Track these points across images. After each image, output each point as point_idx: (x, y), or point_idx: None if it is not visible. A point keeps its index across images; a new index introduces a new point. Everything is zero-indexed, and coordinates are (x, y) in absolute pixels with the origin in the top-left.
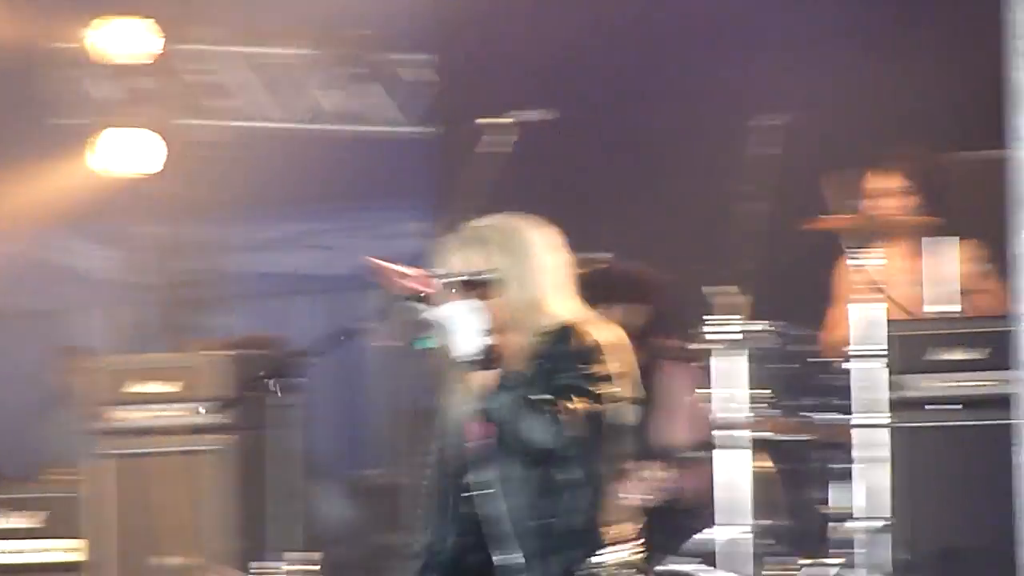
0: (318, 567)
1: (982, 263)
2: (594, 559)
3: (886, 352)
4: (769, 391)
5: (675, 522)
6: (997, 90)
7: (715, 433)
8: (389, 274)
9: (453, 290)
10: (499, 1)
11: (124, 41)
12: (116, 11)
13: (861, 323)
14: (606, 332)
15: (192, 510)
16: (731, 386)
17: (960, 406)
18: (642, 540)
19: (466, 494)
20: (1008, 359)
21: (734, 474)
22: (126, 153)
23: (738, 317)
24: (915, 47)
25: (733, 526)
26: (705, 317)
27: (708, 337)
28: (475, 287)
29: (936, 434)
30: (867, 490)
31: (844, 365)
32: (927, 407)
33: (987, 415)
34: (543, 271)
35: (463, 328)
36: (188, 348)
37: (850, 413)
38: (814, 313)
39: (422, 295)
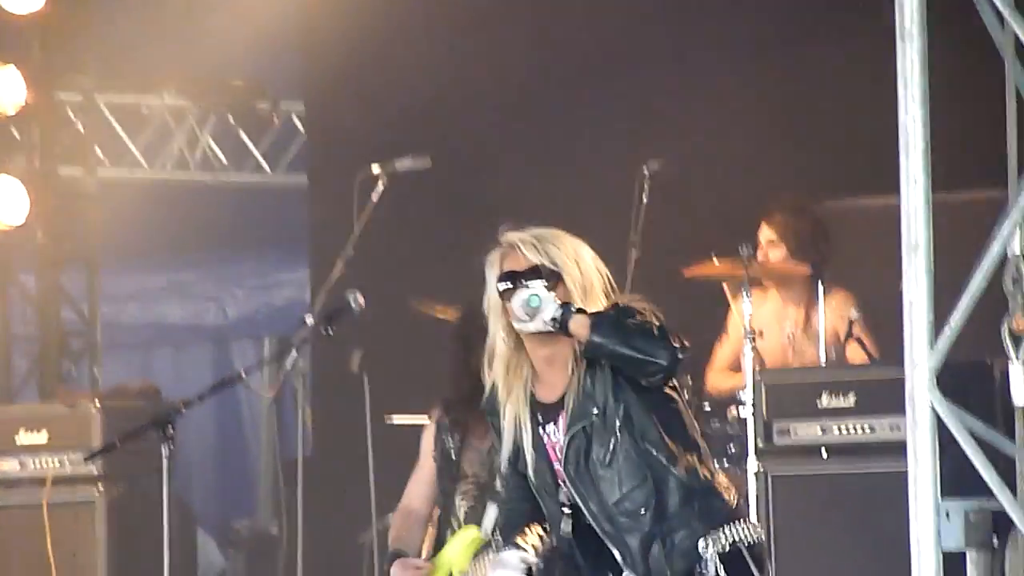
0: None
1: (854, 310)
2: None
3: (753, 400)
4: None
5: None
6: (887, 135)
7: None
8: None
9: (520, 284)
10: (369, 51)
11: None
12: None
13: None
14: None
15: (61, 562)
16: None
17: (827, 455)
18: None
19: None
20: (875, 406)
21: None
22: None
23: None
24: (806, 91)
25: None
26: None
27: None
28: (538, 276)
29: (805, 481)
30: None
31: (739, 413)
32: (798, 455)
33: (855, 463)
34: (589, 271)
35: (544, 300)
36: (59, 398)
37: (744, 461)
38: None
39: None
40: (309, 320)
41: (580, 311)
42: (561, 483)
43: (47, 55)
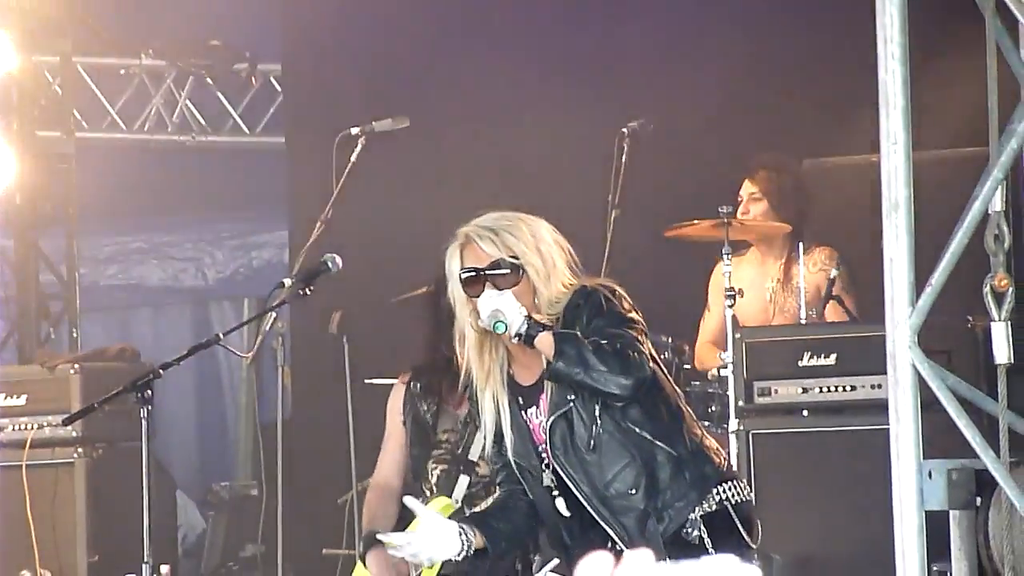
0: None
1: (835, 268)
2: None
3: (732, 360)
4: None
5: None
6: (867, 94)
7: None
8: None
9: (480, 285)
10: (346, 11)
11: None
12: None
13: (722, 327)
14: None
15: (41, 525)
16: None
17: (807, 413)
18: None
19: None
20: (856, 365)
21: None
22: None
23: None
24: (786, 50)
25: None
26: None
27: None
28: (498, 274)
29: (786, 440)
30: None
31: (719, 372)
32: (778, 414)
33: (836, 421)
34: (551, 254)
35: (508, 311)
36: (38, 361)
37: (725, 420)
38: (677, 320)
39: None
40: (288, 282)
41: (546, 328)
42: (546, 466)
43: (24, 18)
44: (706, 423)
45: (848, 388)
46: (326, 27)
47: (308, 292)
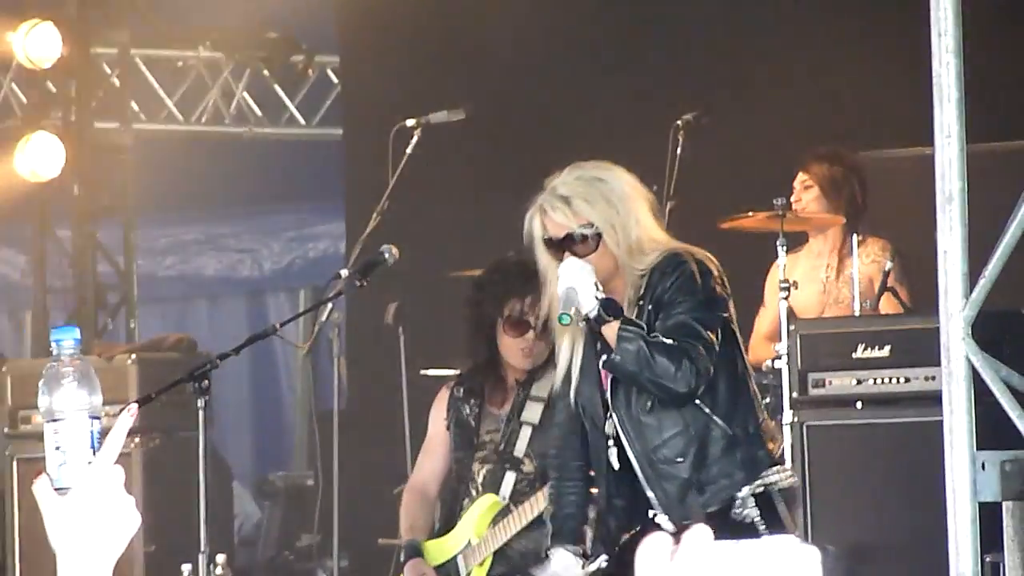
0: (227, 569)
1: (889, 260)
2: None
3: (787, 351)
4: None
5: None
6: (920, 87)
7: None
8: None
9: (558, 257)
10: (403, 1)
11: (27, 45)
12: (21, 14)
13: (777, 322)
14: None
15: None
16: None
17: (861, 404)
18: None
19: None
20: (910, 357)
21: None
22: (33, 157)
23: None
24: (840, 43)
25: None
26: None
27: None
28: (575, 244)
29: (840, 432)
30: None
31: (773, 364)
32: (832, 405)
33: (890, 413)
34: (631, 212)
35: (581, 288)
36: (96, 352)
37: (779, 412)
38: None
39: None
40: (344, 273)
41: (616, 316)
42: (608, 415)
43: (83, 10)
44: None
45: (902, 380)
46: (383, 18)
47: (364, 283)
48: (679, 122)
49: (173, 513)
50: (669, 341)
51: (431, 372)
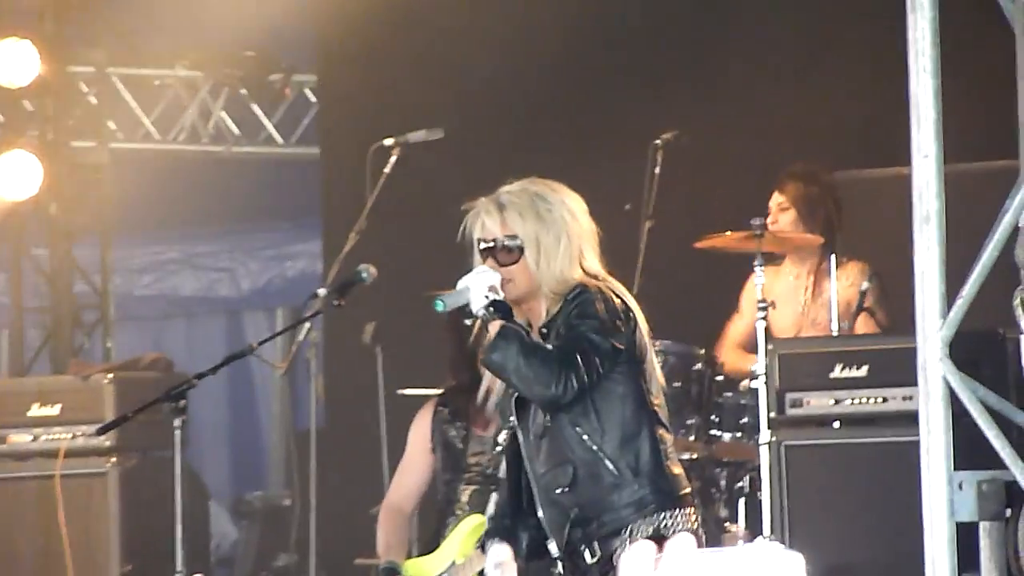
0: None
1: (866, 281)
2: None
3: (765, 371)
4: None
5: None
6: (897, 107)
7: None
8: None
9: (480, 256)
10: (381, 22)
11: (6, 63)
12: None
13: (749, 333)
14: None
15: (75, 533)
16: None
17: (838, 424)
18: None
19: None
20: (887, 377)
21: None
22: (10, 176)
23: None
24: (817, 63)
25: None
26: None
27: None
28: (496, 251)
29: (819, 452)
30: (757, 508)
31: (751, 384)
32: (811, 425)
33: (867, 433)
34: (563, 237)
35: (475, 288)
36: (71, 371)
37: (757, 432)
38: (710, 330)
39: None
40: (321, 292)
41: (504, 318)
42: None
43: (60, 28)
44: (738, 434)
45: (879, 400)
46: (361, 38)
47: (342, 303)
48: (657, 141)
49: (149, 533)
50: (548, 346)
51: (409, 392)
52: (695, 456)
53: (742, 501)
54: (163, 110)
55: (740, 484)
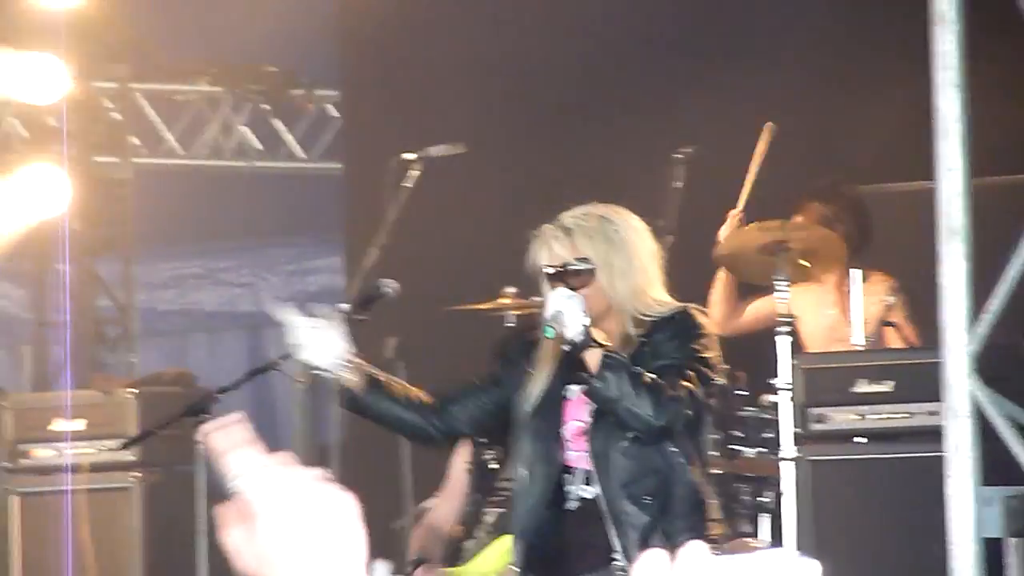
0: None
1: (891, 295)
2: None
3: (791, 385)
4: None
5: None
6: (921, 122)
7: None
8: None
9: (550, 285)
10: (403, 37)
11: (30, 79)
12: (23, 48)
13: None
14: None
15: (99, 548)
16: None
17: (866, 439)
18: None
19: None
20: (912, 392)
21: None
22: (34, 192)
23: None
24: (841, 77)
25: None
26: None
27: None
28: (568, 275)
29: (845, 467)
30: (783, 524)
31: (771, 398)
32: (836, 440)
33: (892, 448)
34: (635, 259)
35: (570, 313)
36: (95, 386)
37: (775, 447)
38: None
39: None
40: (343, 307)
41: (601, 345)
42: (569, 445)
43: (83, 45)
44: (762, 449)
45: (905, 415)
46: (384, 52)
47: (364, 318)
48: (679, 156)
49: (173, 548)
50: (653, 376)
51: None
52: (718, 471)
53: (766, 517)
54: (185, 125)
55: (764, 499)
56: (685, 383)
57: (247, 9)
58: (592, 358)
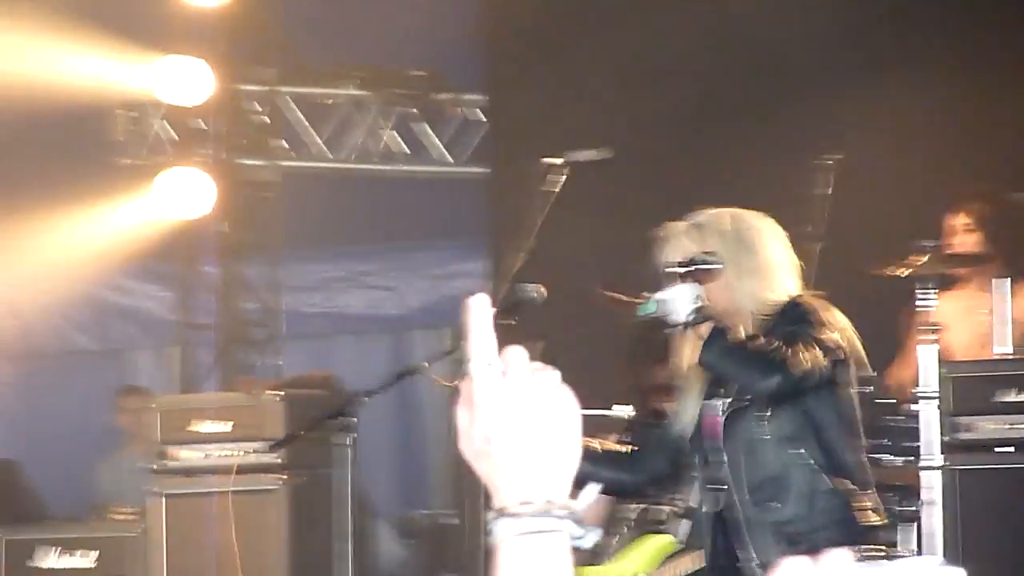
0: None
1: None
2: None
3: (938, 394)
4: None
5: None
6: None
7: None
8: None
9: (676, 277)
10: (551, 41)
11: (178, 82)
12: (171, 51)
13: (923, 364)
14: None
15: (244, 550)
16: None
17: (1013, 448)
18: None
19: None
20: None
21: None
22: (181, 194)
23: None
24: (986, 84)
25: None
26: None
27: None
28: (695, 268)
29: (991, 476)
30: (930, 533)
31: (912, 407)
32: (983, 449)
33: None
34: (761, 258)
35: (680, 298)
36: (242, 388)
37: (918, 455)
38: (881, 355)
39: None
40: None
41: (708, 320)
42: (708, 460)
43: (231, 48)
44: (910, 458)
45: None
46: (531, 56)
47: (512, 322)
48: (829, 162)
49: (317, 550)
50: (760, 341)
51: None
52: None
53: (910, 525)
54: (334, 129)
55: (911, 508)
56: (798, 348)
57: (394, 13)
58: (705, 328)
